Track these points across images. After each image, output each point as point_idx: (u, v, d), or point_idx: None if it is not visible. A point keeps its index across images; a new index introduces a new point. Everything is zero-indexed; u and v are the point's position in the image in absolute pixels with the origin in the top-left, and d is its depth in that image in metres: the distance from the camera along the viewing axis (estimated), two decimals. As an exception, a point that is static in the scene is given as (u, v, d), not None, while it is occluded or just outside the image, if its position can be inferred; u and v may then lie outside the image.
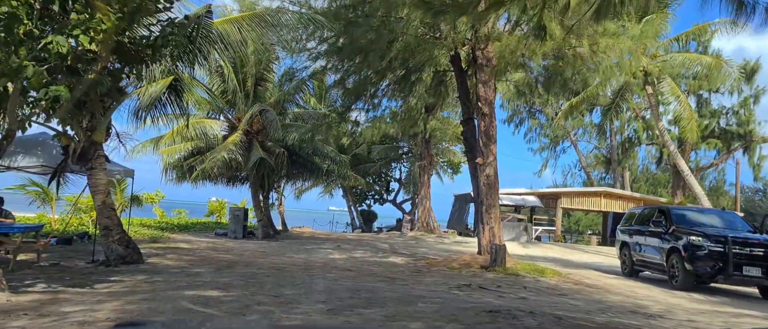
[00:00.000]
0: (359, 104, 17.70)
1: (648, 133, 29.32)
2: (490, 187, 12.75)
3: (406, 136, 33.36)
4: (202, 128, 18.56)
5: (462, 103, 14.26)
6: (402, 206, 39.03)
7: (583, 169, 37.25)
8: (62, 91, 5.55)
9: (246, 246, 16.06)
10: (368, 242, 21.69)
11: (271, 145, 19.73)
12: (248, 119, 18.97)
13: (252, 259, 12.36)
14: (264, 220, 20.55)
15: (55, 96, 5.59)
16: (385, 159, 35.66)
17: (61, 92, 5.52)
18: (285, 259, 12.91)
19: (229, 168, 18.89)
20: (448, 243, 23.61)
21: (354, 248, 17.85)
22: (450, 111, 29.30)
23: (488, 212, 12.64)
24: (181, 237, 17.91)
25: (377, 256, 15.10)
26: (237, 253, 13.62)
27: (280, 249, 16.13)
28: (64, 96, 5.54)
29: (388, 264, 12.74)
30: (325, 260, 13.32)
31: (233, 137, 18.85)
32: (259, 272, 9.86)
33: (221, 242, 17.48)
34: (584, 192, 30.16)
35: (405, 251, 17.84)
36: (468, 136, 13.89)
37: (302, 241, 20.20)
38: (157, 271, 9.28)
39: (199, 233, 21.87)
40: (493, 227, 12.58)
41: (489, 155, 12.85)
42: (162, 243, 14.53)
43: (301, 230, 29.59)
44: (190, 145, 19.07)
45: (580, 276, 11.55)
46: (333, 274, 10.14)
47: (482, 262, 11.79)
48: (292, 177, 23.57)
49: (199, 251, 13.48)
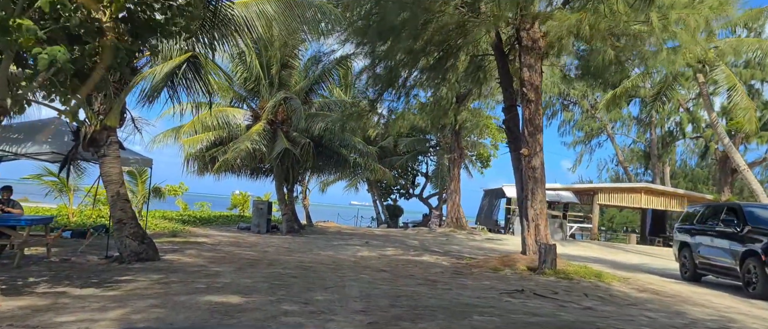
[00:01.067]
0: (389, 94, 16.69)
1: (693, 125, 27.56)
2: (536, 181, 11.58)
3: (434, 127, 32.22)
4: (225, 117, 17.76)
5: (503, 89, 13.08)
6: (428, 201, 37.92)
7: (620, 164, 35.46)
8: (59, 52, 4.63)
9: (270, 242, 15.20)
10: (397, 238, 20.68)
11: (296, 135, 18.84)
12: (272, 107, 18.08)
13: (276, 257, 11.46)
14: (288, 214, 19.70)
15: (52, 60, 4.67)
16: (412, 152, 34.54)
17: (56, 54, 4.60)
18: (312, 257, 11.98)
19: (253, 159, 18.06)
20: (480, 241, 22.46)
21: (383, 245, 16.86)
22: (481, 101, 28.03)
23: (533, 207, 11.47)
24: (203, 231, 17.17)
25: (409, 254, 14.07)
26: (260, 250, 12.74)
27: (306, 245, 15.24)
28: (60, 57, 4.63)
29: (423, 263, 11.69)
30: (355, 258, 12.34)
31: (257, 127, 18.00)
32: (285, 272, 8.92)
33: (244, 237, 16.68)
34: (623, 187, 28.59)
35: (437, 249, 16.77)
36: (511, 124, 12.71)
37: (328, 237, 19.29)
38: (174, 270, 8.40)
39: (222, 227, 21.18)
40: (539, 224, 11.42)
41: (535, 145, 11.66)
42: (182, 238, 13.75)
43: (325, 224, 28.74)
44: (212, 134, 18.30)
45: (642, 281, 10.31)
46: (367, 275, 9.14)
47: (528, 263, 10.64)
48: (317, 170, 22.67)
49: (220, 247, 12.64)
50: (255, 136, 17.25)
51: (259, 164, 21.69)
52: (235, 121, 18.20)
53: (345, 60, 17.84)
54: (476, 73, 15.09)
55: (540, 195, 11.54)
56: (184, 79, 8.99)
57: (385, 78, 14.50)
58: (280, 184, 20.08)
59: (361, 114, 16.25)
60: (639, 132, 34.75)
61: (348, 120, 16.67)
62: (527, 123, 11.73)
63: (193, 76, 9.29)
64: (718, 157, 26.48)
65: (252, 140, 17.13)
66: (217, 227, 20.82)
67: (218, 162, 17.05)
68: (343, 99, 21.50)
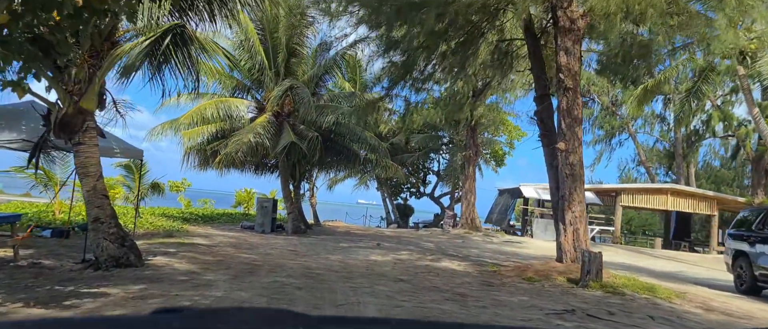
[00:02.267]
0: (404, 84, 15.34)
1: (724, 123, 25.99)
2: (575, 179, 10.20)
3: (448, 124, 30.85)
4: (227, 108, 16.52)
5: (535, 77, 11.71)
6: (440, 200, 36.55)
7: (641, 164, 33.87)
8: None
9: (274, 243, 13.93)
10: (410, 240, 19.35)
11: (303, 128, 17.55)
12: (278, 98, 16.80)
13: (280, 261, 10.17)
14: (294, 213, 18.42)
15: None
16: (424, 149, 33.19)
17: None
18: (319, 262, 10.68)
19: (256, 153, 16.80)
20: (498, 244, 21.08)
21: (396, 247, 15.54)
22: (498, 96, 26.64)
23: (571, 209, 10.10)
24: (202, 231, 15.93)
25: (427, 259, 12.74)
26: (263, 252, 11.45)
27: (313, 247, 13.95)
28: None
29: (445, 272, 10.35)
30: (367, 263, 11.03)
31: (261, 119, 16.75)
32: (289, 282, 7.61)
33: (246, 237, 15.43)
34: (648, 188, 27.08)
35: (454, 253, 15.42)
36: (543, 116, 11.34)
37: (336, 237, 18.00)
38: (158, 278, 7.13)
39: (224, 225, 19.96)
40: (578, 228, 10.04)
41: (573, 139, 10.29)
42: (177, 238, 12.50)
43: (334, 224, 27.47)
44: (213, 127, 17.06)
45: (700, 296, 8.91)
46: (383, 287, 7.82)
47: (566, 273, 9.28)
48: (325, 166, 21.39)
49: (219, 248, 11.36)
50: (259, 129, 15.98)
51: (263, 159, 20.46)
52: (238, 112, 16.96)
53: (356, 46, 16.53)
54: (502, 60, 13.71)
55: (579, 196, 10.16)
56: (169, 55, 7.67)
57: (401, 66, 13.17)
58: (285, 181, 18.82)
59: (374, 104, 14.92)
60: (662, 130, 33.16)
61: (360, 112, 15.34)
62: (564, 114, 10.36)
63: (180, 53, 7.93)
64: (752, 157, 24.93)
65: (255, 133, 15.87)
66: (219, 226, 19.60)
67: (220, 155, 15.78)
68: (353, 92, 20.18)
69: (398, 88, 15.40)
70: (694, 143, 31.55)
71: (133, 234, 12.66)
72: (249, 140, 15.51)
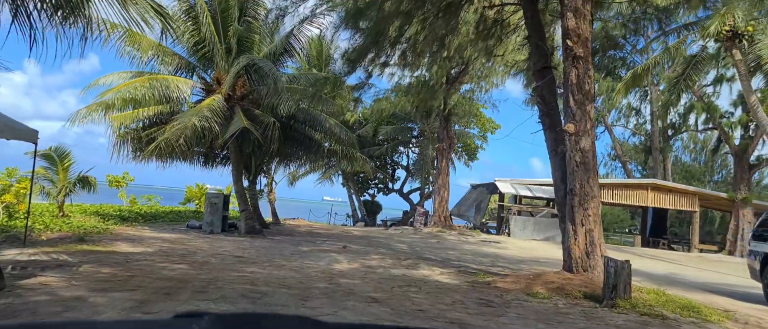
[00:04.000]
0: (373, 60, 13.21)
1: (708, 115, 24.91)
2: (587, 169, 8.32)
3: (419, 113, 28.91)
4: (165, 88, 14.01)
5: (533, 47, 9.77)
6: (409, 197, 34.61)
7: (618, 158, 32.76)
8: None
9: (219, 247, 11.61)
10: (380, 241, 17.28)
11: (258, 113, 15.21)
12: (233, 78, 14.39)
13: (218, 272, 7.92)
14: (248, 210, 16.07)
15: None
16: (393, 142, 31.18)
17: None
18: (271, 272, 8.48)
19: (202, 140, 14.37)
20: (475, 243, 19.26)
21: (365, 250, 13.44)
22: (474, 84, 24.82)
23: (583, 206, 8.21)
24: (134, 233, 13.43)
25: (402, 266, 10.68)
26: (200, 261, 9.15)
27: (267, 251, 11.71)
28: None
29: (428, 284, 8.30)
30: (331, 273, 8.90)
31: (209, 100, 14.33)
32: (217, 309, 5.40)
33: (189, 239, 13.04)
34: (628, 184, 25.81)
35: (432, 256, 13.44)
36: (544, 92, 9.42)
37: (296, 238, 15.77)
38: (15, 311, 4.80)
39: (167, 225, 17.45)
40: (591, 230, 8.16)
41: (584, 120, 8.41)
42: (92, 244, 10.02)
43: (295, 222, 25.14)
44: (150, 110, 14.52)
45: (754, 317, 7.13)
46: (351, 312, 5.70)
47: (583, 286, 7.38)
48: (285, 158, 19.06)
49: (142, 257, 8.99)
50: (205, 112, 13.57)
51: (215, 150, 18.01)
52: (180, 94, 14.46)
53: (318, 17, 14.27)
54: (488, 32, 11.76)
55: (592, 190, 8.28)
56: None
57: (372, 30, 11.05)
58: (238, 174, 16.42)
59: (337, 81, 12.75)
60: (637, 124, 32.10)
61: (319, 90, 13.13)
62: (574, 88, 8.45)
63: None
64: (736, 150, 23.93)
65: (201, 116, 13.46)
66: (160, 226, 17.08)
67: (155, 142, 13.25)
68: (316, 74, 17.93)
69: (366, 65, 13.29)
70: (671, 137, 30.59)
71: (32, 238, 10.15)
72: (193, 124, 13.09)
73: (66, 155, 15.90)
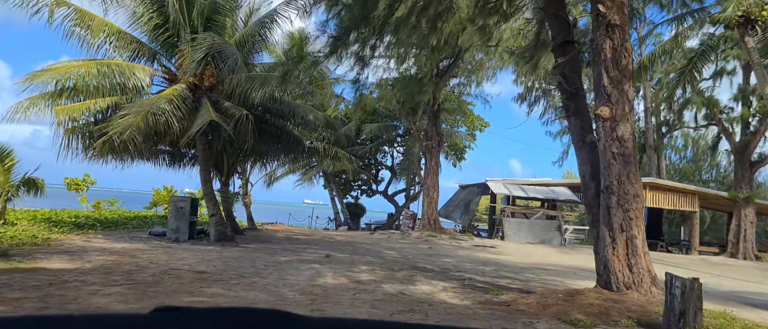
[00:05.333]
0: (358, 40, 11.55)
1: (707, 110, 23.81)
2: (627, 161, 6.81)
3: (405, 110, 27.34)
4: (119, 74, 12.17)
5: (551, 18, 8.24)
6: (394, 199, 32.98)
7: (611, 157, 31.66)
8: None
9: (180, 258, 9.83)
10: (366, 247, 15.63)
11: (228, 105, 13.43)
12: (197, 63, 12.60)
13: (167, 297, 6.20)
14: (218, 215, 14.27)
15: None
16: (377, 141, 29.51)
17: None
18: (238, 293, 6.78)
19: (163, 136, 12.56)
20: (469, 249, 17.73)
21: (352, 260, 11.77)
22: (464, 77, 23.34)
23: (622, 206, 6.70)
24: (82, 242, 11.54)
25: (398, 280, 9.06)
26: (149, 279, 7.39)
27: (237, 262, 9.99)
28: None
29: (434, 305, 6.69)
30: (313, 292, 7.23)
31: (169, 91, 12.53)
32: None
33: (146, 249, 11.21)
34: (625, 182, 24.57)
35: (428, 266, 11.84)
36: (567, 71, 7.89)
37: (274, 245, 14.03)
38: None
39: (128, 233, 15.54)
40: (634, 236, 6.65)
41: (622, 101, 6.91)
42: (15, 260, 8.15)
43: (273, 227, 23.32)
44: (103, 101, 12.62)
45: None
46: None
47: (631, 310, 5.85)
48: (260, 156, 17.28)
49: (71, 277, 7.18)
50: (163, 104, 11.77)
51: (181, 149, 16.15)
52: (138, 82, 12.61)
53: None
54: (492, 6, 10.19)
55: (634, 187, 6.76)
56: None
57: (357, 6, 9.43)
58: (207, 174, 14.61)
59: (316, 61, 11.09)
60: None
61: (293, 66, 11.45)
62: (608, 64, 6.94)
63: None
64: (736, 146, 22.86)
65: (157, 108, 11.65)
66: (119, 233, 15.17)
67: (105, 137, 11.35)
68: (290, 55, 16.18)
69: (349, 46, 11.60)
70: (665, 134, 29.55)
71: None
72: (145, 116, 11.27)
73: (7, 154, 13.91)
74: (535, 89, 31.82)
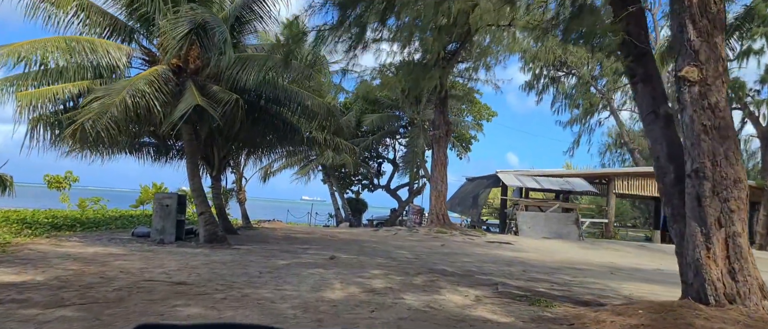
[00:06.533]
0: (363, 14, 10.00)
1: (733, 93, 22.27)
2: (724, 136, 5.31)
3: (408, 100, 25.78)
4: (91, 51, 10.59)
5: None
6: (397, 193, 31.42)
7: (625, 145, 30.02)
8: None
9: (158, 265, 8.29)
10: (373, 246, 14.12)
11: (217, 89, 11.85)
12: (176, 44, 11.00)
13: (128, 321, 4.66)
14: (207, 213, 12.71)
15: None
16: (379, 132, 27.90)
17: None
18: (222, 311, 5.27)
19: (143, 123, 11.00)
20: (485, 245, 16.25)
21: (360, 262, 10.25)
22: (471, 61, 21.76)
23: (721, 196, 5.20)
24: (46, 247, 9.99)
25: (418, 287, 7.55)
26: (112, 295, 5.86)
27: (228, 268, 8.47)
28: None
29: (473, 323, 5.18)
30: (318, 308, 5.73)
31: (148, 72, 10.96)
32: None
33: (121, 254, 9.67)
34: (646, 172, 23.10)
35: (447, 267, 10.34)
36: (630, 27, 6.35)
37: (271, 246, 12.51)
38: None
39: (110, 234, 14.04)
40: (737, 234, 5.16)
41: (714, 61, 5.39)
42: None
43: (271, 225, 21.79)
44: (73, 86, 11.03)
45: None
46: None
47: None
48: (254, 148, 15.73)
49: (13, 294, 5.63)
50: (141, 85, 10.20)
51: (166, 140, 14.61)
52: (112, 62, 11.03)
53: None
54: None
55: (734, 169, 5.25)
56: None
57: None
58: (194, 168, 13.05)
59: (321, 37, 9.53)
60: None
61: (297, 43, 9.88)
62: (694, 12, 5.41)
63: None
64: (763, 131, 21.40)
65: (137, 91, 10.08)
66: (99, 235, 13.66)
67: (74, 126, 9.77)
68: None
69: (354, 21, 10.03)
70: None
71: None
72: (123, 100, 9.70)
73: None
74: (544, 76, 30.39)
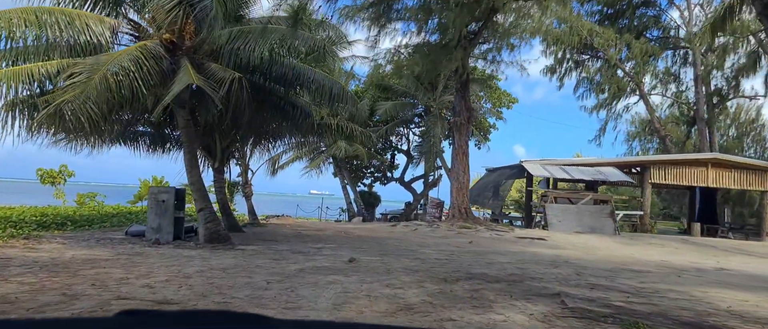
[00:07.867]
0: None
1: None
2: None
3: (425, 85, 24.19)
4: (67, 26, 9.10)
5: None
6: (411, 186, 29.90)
7: (656, 133, 28.20)
8: None
9: (141, 276, 6.83)
10: (395, 244, 12.61)
11: (217, 67, 10.33)
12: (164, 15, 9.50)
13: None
14: (208, 210, 11.24)
15: None
16: (393, 121, 26.31)
17: None
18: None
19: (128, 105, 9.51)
20: (517, 242, 14.70)
21: (384, 264, 8.72)
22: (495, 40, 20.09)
23: None
24: (18, 252, 8.57)
25: (463, 301, 6.02)
26: (74, 314, 4.37)
27: (228, 277, 6.99)
28: None
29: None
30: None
31: (135, 46, 9.46)
32: None
33: (109, 257, 8.25)
34: (684, 160, 21.40)
35: (486, 270, 8.78)
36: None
37: (279, 246, 11.03)
38: None
39: (103, 233, 12.71)
40: None
41: None
42: None
43: (280, 221, 20.34)
44: (50, 65, 9.55)
45: None
46: None
47: None
48: (260, 136, 14.23)
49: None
50: (125, 61, 8.70)
51: (159, 126, 13.16)
52: (94, 37, 9.54)
53: None
54: None
55: None
56: None
57: None
58: (193, 158, 11.57)
59: None
60: (678, 92, 27.66)
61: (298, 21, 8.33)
62: None
63: None
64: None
65: (119, 68, 8.59)
66: (87, 235, 12.30)
67: (47, 110, 8.32)
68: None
69: None
70: (715, 105, 26.23)
71: None
72: (103, 77, 8.21)
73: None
74: (567, 60, 28.63)
